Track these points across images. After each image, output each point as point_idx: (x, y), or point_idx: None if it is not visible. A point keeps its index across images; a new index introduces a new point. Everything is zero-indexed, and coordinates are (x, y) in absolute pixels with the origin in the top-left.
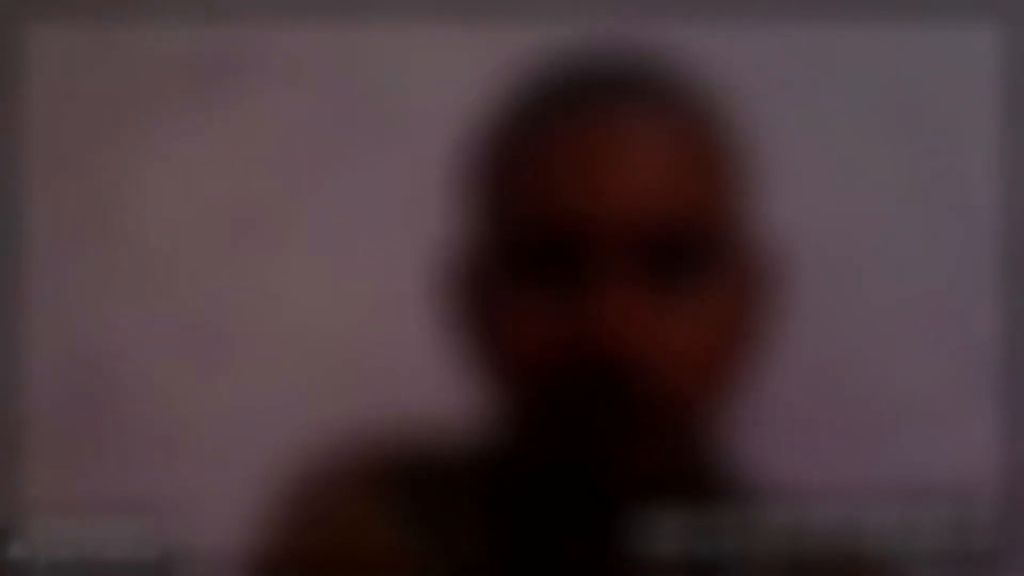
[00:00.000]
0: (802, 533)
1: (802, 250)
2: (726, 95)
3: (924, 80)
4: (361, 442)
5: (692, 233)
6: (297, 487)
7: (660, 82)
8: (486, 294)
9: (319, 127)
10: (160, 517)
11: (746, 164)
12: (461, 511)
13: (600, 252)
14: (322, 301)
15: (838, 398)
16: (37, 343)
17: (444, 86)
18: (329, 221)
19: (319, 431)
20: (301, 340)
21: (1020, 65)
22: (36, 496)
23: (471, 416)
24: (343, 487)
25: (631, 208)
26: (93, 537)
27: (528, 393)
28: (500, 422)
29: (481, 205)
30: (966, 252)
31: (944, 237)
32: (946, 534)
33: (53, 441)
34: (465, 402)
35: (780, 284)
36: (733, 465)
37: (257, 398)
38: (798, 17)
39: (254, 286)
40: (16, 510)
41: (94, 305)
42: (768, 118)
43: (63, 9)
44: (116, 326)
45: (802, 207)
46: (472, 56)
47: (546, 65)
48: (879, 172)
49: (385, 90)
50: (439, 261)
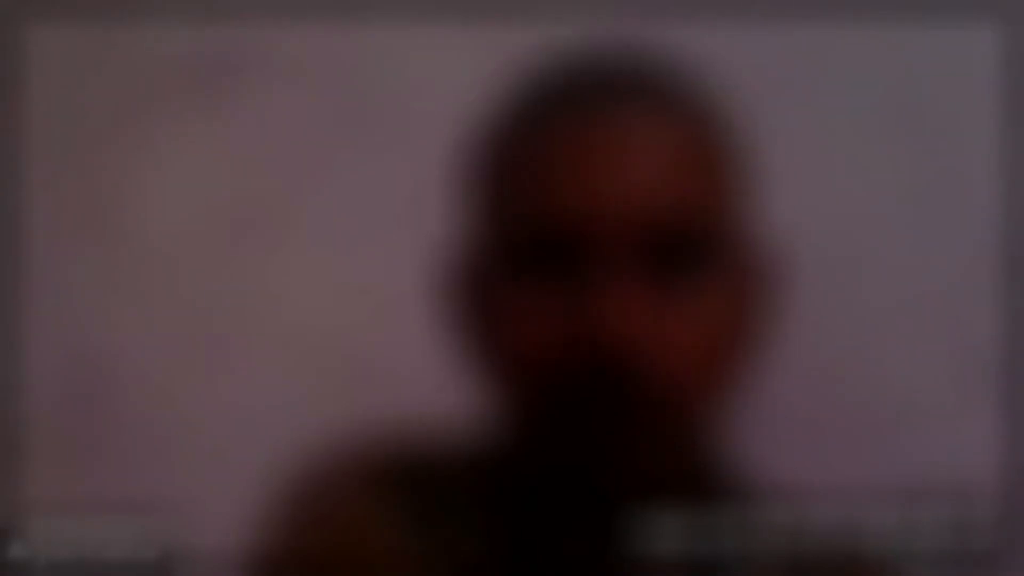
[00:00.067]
0: (802, 533)
1: (802, 250)
2: (726, 95)
3: (924, 80)
4: (361, 442)
5: (692, 232)
6: (297, 487)
7: (660, 82)
8: (486, 294)
9: (319, 127)
10: (160, 517)
11: (746, 164)
12: (461, 511)
13: (600, 251)
14: (322, 301)
15: (838, 398)
16: (37, 343)
17: (444, 86)
18: (329, 221)
19: (319, 431)
20: (301, 340)
21: (1020, 65)
22: (36, 496)
23: (471, 416)
24: (343, 487)
25: (631, 207)
26: (93, 537)
27: (528, 393)
28: (500, 422)
29: (481, 205)
30: (966, 252)
31: (944, 237)
32: (946, 534)
33: (53, 441)
34: (465, 402)
35: (780, 284)
36: (733, 465)
37: (257, 398)
38: (798, 17)
39: (254, 286)
40: (16, 510)
41: (94, 305)
42: (768, 118)
43: (63, 9)
44: (116, 326)
45: (802, 207)
46: (472, 56)
47: (546, 65)
48: (879, 172)
49: (385, 90)
50: (439, 261)
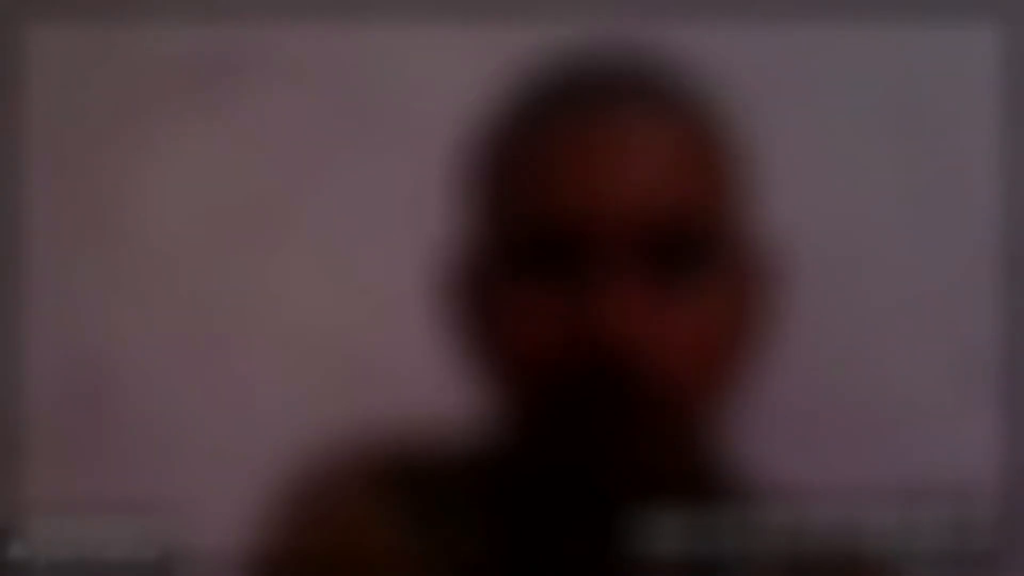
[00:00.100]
0: (802, 533)
1: (802, 250)
2: (726, 95)
3: (924, 80)
4: (361, 442)
5: (692, 232)
6: (297, 487)
7: (660, 82)
8: (486, 294)
9: (319, 127)
10: (160, 517)
11: (746, 164)
12: (461, 511)
13: (600, 251)
14: (322, 301)
15: (838, 398)
16: (37, 343)
17: (444, 86)
18: (329, 221)
19: (319, 431)
20: (301, 340)
21: (1020, 65)
22: (36, 496)
23: (471, 416)
24: (343, 487)
25: (631, 207)
26: (93, 537)
27: (528, 392)
28: (500, 422)
29: (481, 205)
30: (966, 252)
31: (944, 237)
32: (946, 534)
33: (53, 441)
34: (465, 402)
35: (780, 283)
36: (733, 465)
37: (257, 398)
38: (798, 17)
39: (254, 286)
40: (16, 510)
41: (94, 305)
42: (768, 118)
43: (63, 9)
44: (116, 326)
45: (802, 207)
46: (472, 56)
47: (546, 65)
48: (879, 172)
49: (385, 90)
50: (439, 261)
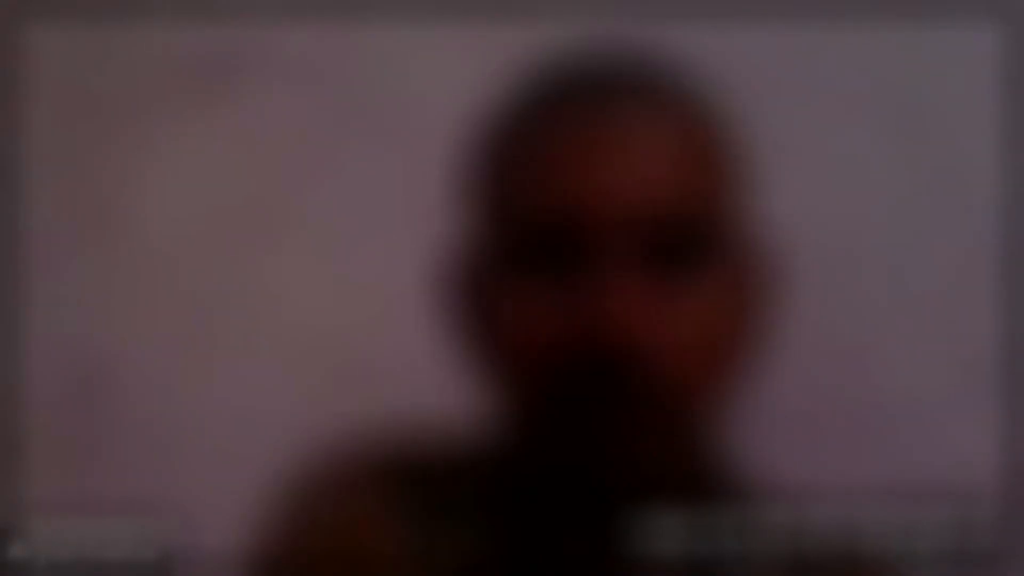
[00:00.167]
0: (802, 533)
1: (802, 249)
2: (726, 95)
3: (924, 80)
4: (362, 442)
5: (691, 228)
6: (297, 487)
7: (659, 81)
8: (487, 292)
9: (319, 127)
10: (160, 517)
11: (746, 163)
12: (461, 510)
13: (600, 248)
14: (322, 301)
15: (838, 398)
16: (37, 343)
17: (444, 86)
18: (330, 221)
19: (319, 431)
20: (302, 339)
21: (1020, 65)
22: (36, 496)
23: (471, 416)
24: (343, 487)
25: (631, 203)
26: (93, 537)
27: (529, 390)
28: (500, 421)
29: (481, 204)
30: (966, 252)
31: (944, 237)
32: (946, 534)
33: (53, 441)
34: (465, 402)
35: (780, 282)
36: (733, 465)
37: (257, 398)
38: (798, 17)
39: (255, 286)
40: (16, 510)
41: (94, 305)
42: (768, 118)
43: (63, 9)
44: (116, 326)
45: (802, 206)
46: (472, 56)
47: (546, 64)
48: (879, 172)
49: (385, 90)
50: (439, 260)
